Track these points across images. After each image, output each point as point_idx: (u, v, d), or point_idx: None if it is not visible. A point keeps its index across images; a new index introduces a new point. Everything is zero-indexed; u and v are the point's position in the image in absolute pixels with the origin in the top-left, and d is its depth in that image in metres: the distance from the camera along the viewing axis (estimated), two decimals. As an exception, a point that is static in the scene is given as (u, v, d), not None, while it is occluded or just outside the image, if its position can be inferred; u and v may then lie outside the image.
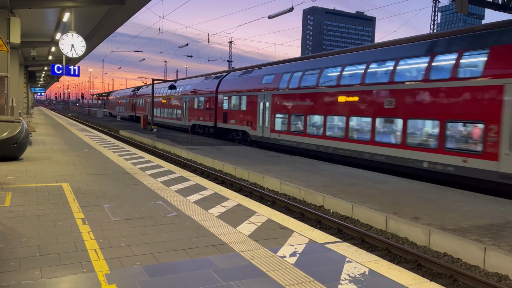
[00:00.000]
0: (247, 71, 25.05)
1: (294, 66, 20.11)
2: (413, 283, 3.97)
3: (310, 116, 18.06)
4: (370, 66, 15.02)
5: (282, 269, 4.26)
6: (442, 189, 10.90)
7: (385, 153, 13.82)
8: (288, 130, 19.41)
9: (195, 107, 30.32)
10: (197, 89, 30.53)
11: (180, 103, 33.82)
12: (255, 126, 22.24)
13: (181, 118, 33.98)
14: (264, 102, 21.41)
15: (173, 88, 33.21)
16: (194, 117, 30.63)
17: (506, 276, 5.91)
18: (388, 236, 7.78)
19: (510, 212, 8.50)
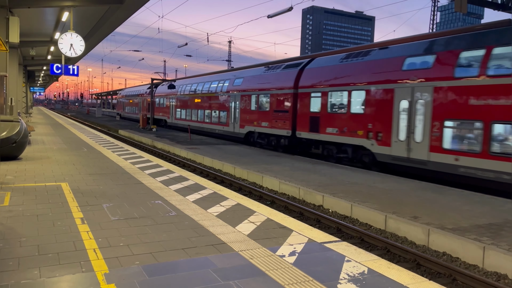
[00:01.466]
0: (362, 52, 16.32)
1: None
2: (412, 282, 3.97)
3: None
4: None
5: (281, 269, 4.26)
6: (441, 188, 10.91)
7: None
8: (484, 150, 11.05)
9: (253, 108, 22.16)
10: (255, 83, 22.25)
11: (225, 102, 25.46)
12: (387, 140, 14.06)
13: (226, 123, 25.30)
14: (416, 100, 13.09)
15: (214, 83, 27.13)
16: (251, 122, 22.35)
17: (505, 275, 5.92)
18: (387, 235, 7.78)
19: (509, 211, 8.50)
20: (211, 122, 27.31)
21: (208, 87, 28.41)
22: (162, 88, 39.12)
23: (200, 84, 30.08)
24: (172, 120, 36.05)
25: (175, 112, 35.07)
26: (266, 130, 20.91)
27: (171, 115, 36.08)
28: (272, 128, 20.31)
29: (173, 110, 35.57)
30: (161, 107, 38.93)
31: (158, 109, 39.45)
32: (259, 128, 21.57)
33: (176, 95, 34.62)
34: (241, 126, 23.42)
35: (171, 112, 36.02)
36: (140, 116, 35.85)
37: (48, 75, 50.01)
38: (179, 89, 33.79)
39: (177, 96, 34.53)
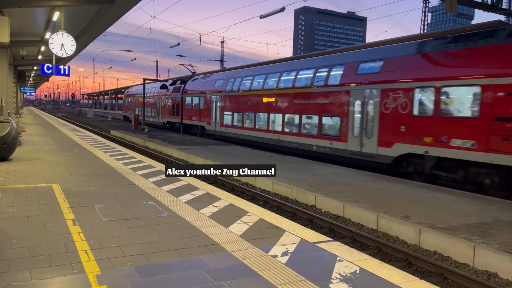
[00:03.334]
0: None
1: None
2: (403, 281, 4.01)
3: None
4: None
5: (273, 269, 4.27)
6: (432, 188, 11.00)
7: None
8: None
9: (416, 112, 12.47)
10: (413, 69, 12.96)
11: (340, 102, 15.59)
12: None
13: (341, 136, 15.30)
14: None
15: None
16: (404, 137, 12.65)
17: (495, 274, 5.98)
18: (379, 234, 7.83)
19: (499, 211, 8.61)
20: (305, 135, 17.44)
21: (292, 79, 18.50)
22: (194, 83, 28.98)
23: (273, 75, 20.19)
24: (215, 127, 25.11)
25: (221, 117, 24.46)
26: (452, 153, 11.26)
27: (214, 120, 25.30)
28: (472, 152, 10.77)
29: (218, 113, 24.87)
30: (194, 109, 28.25)
31: (191, 112, 28.56)
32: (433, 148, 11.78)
33: (223, 92, 24.32)
34: (386, 144, 13.35)
35: (214, 116, 25.31)
36: (133, 117, 35.65)
37: (38, 75, 49.47)
38: (228, 85, 23.96)
39: (224, 94, 24.20)
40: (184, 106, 29.91)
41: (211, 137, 26.04)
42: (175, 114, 31.73)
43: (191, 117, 28.76)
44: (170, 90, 33.08)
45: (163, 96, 34.68)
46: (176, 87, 31.57)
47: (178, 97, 30.95)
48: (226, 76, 25.22)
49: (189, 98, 29.28)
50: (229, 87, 23.75)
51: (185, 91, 30.02)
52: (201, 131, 27.62)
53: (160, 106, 35.43)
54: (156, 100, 36.46)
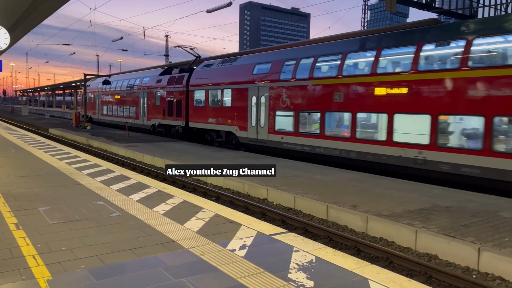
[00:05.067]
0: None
1: None
2: (356, 267, 4.22)
3: None
4: None
5: (232, 263, 4.32)
6: (377, 178, 11.58)
7: None
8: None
9: None
10: None
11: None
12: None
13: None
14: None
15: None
16: None
17: (435, 256, 6.44)
18: (329, 224, 8.13)
19: (437, 197, 9.25)
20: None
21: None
22: (208, 71, 21.35)
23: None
24: (257, 134, 17.60)
25: (271, 119, 17.11)
26: None
27: (255, 123, 17.73)
28: None
29: (264, 113, 17.53)
30: (211, 107, 20.70)
31: (201, 112, 21.30)
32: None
33: (275, 82, 16.89)
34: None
35: (254, 118, 17.84)
36: (73, 114, 33.88)
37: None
38: (285, 70, 16.67)
39: (278, 84, 16.90)
40: (191, 104, 21.45)
41: (244, 148, 18.04)
42: (173, 114, 22.99)
43: (204, 119, 20.42)
44: (162, 82, 24.29)
45: (151, 90, 25.56)
46: (174, 78, 23.08)
47: (178, 91, 22.49)
48: (278, 57, 16.97)
49: (200, 92, 20.90)
50: (287, 74, 15.90)
51: (192, 82, 21.53)
52: (225, 139, 19.35)
53: (146, 104, 26.19)
54: (137, 96, 27.64)
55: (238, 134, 18.19)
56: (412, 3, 14.11)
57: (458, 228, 6.89)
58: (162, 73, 25.10)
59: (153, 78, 25.75)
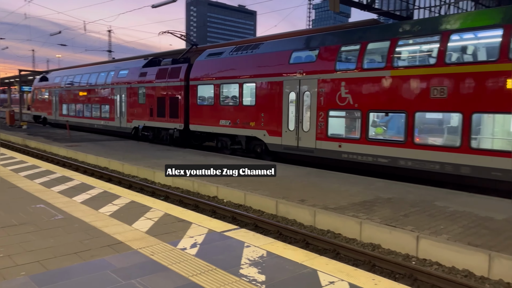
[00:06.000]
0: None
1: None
2: (306, 259, 4.35)
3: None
4: None
5: (183, 261, 4.28)
6: (323, 173, 11.95)
7: None
8: None
9: None
10: None
11: None
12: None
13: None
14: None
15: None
16: None
17: (378, 245, 6.78)
18: (278, 219, 8.29)
19: (379, 189, 9.73)
20: None
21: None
22: (216, 62, 17.34)
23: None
24: (315, 143, 13.94)
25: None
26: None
27: (308, 127, 14.06)
28: None
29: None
30: (222, 106, 16.93)
31: (207, 112, 17.85)
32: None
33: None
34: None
35: (302, 121, 14.42)
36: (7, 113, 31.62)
37: None
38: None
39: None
40: (192, 102, 17.70)
41: (270, 157, 14.68)
42: (165, 115, 19.17)
43: (213, 121, 16.60)
44: (149, 75, 20.25)
45: (132, 85, 21.28)
46: (166, 71, 19.21)
47: (173, 86, 18.70)
48: (329, 40, 13.35)
49: (206, 87, 17.18)
50: (347, 62, 12.93)
51: (193, 76, 17.67)
52: (246, 146, 15.55)
53: (125, 103, 21.88)
54: (111, 93, 23.08)
55: (267, 140, 14.33)
56: (354, 3, 14.69)
57: (398, 218, 7.30)
58: (147, 65, 21.01)
59: (134, 71, 21.43)
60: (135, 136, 21.22)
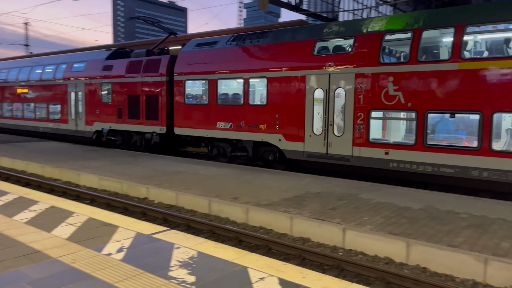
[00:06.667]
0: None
1: None
2: (237, 257, 4.34)
3: None
4: None
5: (108, 267, 4.06)
6: (256, 170, 12.08)
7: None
8: None
9: None
10: None
11: None
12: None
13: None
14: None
15: None
16: None
17: (308, 239, 7.00)
18: (211, 218, 8.22)
19: (309, 185, 10.04)
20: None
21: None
22: (217, 52, 14.45)
23: None
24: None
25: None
26: None
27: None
28: None
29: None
30: (222, 105, 14.20)
31: (201, 112, 14.82)
32: None
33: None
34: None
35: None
36: None
37: None
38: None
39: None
40: (178, 100, 15.09)
41: (285, 166, 12.93)
42: (140, 116, 16.27)
43: (208, 123, 14.25)
44: (116, 69, 17.29)
45: (93, 81, 18.24)
46: (141, 63, 16.37)
47: (151, 82, 15.92)
48: (366, 27, 11.29)
49: (197, 83, 14.83)
50: (394, 54, 11.58)
51: (178, 70, 15.12)
52: (253, 153, 13.43)
53: (82, 101, 18.77)
54: (64, 90, 19.74)
55: (284, 146, 12.36)
56: (283, 3, 15.01)
57: (327, 211, 7.58)
58: (112, 57, 18.04)
59: (94, 64, 18.35)
60: (98, 141, 18.27)
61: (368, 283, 5.52)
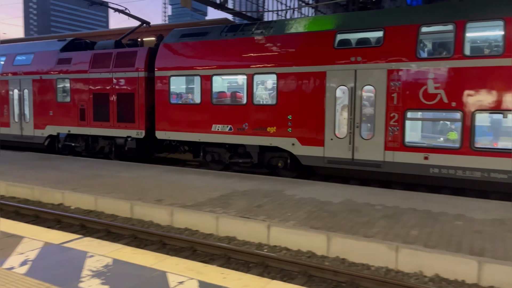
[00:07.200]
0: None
1: None
2: (155, 262, 4.16)
3: None
4: None
5: (10, 283, 3.67)
6: (182, 171, 11.82)
7: None
8: None
9: None
10: None
11: None
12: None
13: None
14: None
15: None
16: None
17: (234, 238, 6.97)
18: (134, 222, 7.87)
19: (236, 183, 10.04)
20: None
21: None
22: (224, 43, 12.34)
23: None
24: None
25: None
26: None
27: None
28: None
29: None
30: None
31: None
32: None
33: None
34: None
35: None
36: None
37: None
38: None
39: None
40: (161, 100, 12.95)
41: (294, 173, 11.70)
42: (109, 118, 14.01)
43: (199, 125, 12.37)
44: (76, 63, 14.74)
45: (45, 77, 15.48)
46: (111, 56, 14.14)
47: (125, 78, 13.70)
48: (403, 17, 10.32)
49: (185, 80, 13.27)
50: (430, 49, 10.53)
51: (160, 64, 12.97)
52: (259, 160, 11.85)
53: (30, 101, 15.86)
54: (2, 87, 16.59)
55: (298, 151, 10.96)
56: (207, 1, 14.84)
57: (252, 209, 7.63)
58: (68, 49, 15.37)
59: (45, 56, 15.54)
60: (50, 149, 15.42)
61: (291, 277, 5.63)
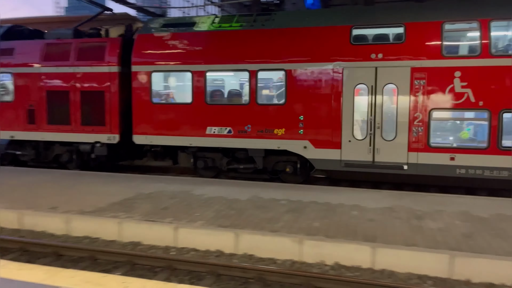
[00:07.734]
0: None
1: None
2: (47, 277, 3.77)
3: None
4: None
5: None
6: (79, 175, 10.97)
7: None
8: None
9: None
10: None
11: None
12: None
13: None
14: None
15: None
16: None
17: (139, 243, 6.65)
18: (23, 234, 7.10)
19: (140, 185, 9.61)
20: None
21: None
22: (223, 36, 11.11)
23: None
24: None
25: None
26: None
27: None
28: None
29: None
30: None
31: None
32: None
33: None
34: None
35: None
36: None
37: None
38: None
39: None
40: (140, 99, 11.22)
41: (303, 178, 10.86)
42: (70, 121, 11.89)
43: (190, 128, 10.89)
44: (23, 53, 12.37)
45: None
46: (69, 47, 11.98)
47: (92, 73, 11.69)
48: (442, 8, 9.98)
49: (172, 76, 11.61)
50: (459, 45, 10.06)
51: (139, 59, 11.20)
52: (264, 165, 10.75)
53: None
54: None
55: (311, 155, 10.13)
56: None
57: (158, 211, 7.38)
58: (9, 36, 12.74)
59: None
60: (40, 159, 12.62)
61: (199, 278, 5.55)
